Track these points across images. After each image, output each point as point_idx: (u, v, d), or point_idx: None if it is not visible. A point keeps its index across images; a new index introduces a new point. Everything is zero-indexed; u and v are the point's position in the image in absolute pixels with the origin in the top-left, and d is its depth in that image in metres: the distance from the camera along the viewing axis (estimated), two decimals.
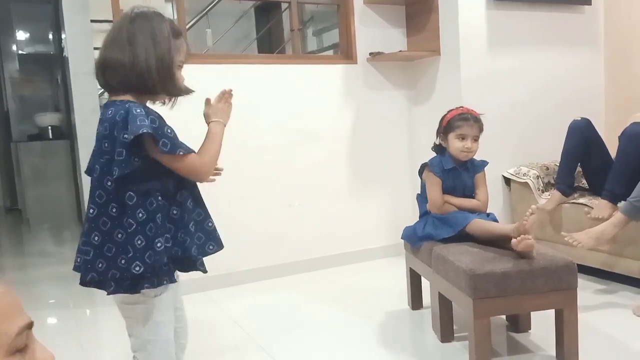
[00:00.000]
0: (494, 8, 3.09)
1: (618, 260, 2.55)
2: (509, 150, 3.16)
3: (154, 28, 1.32)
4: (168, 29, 1.34)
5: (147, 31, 1.32)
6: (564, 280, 1.80)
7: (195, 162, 1.38)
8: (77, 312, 2.81)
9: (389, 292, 2.73)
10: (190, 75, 2.86)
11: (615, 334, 2.09)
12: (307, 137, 3.18)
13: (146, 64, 1.30)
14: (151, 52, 1.31)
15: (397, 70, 3.43)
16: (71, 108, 4.92)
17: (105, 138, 1.31)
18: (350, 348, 2.12)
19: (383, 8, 3.36)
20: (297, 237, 3.17)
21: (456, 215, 2.14)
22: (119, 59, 1.31)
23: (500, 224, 2.07)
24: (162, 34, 1.33)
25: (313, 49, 5.01)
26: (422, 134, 3.36)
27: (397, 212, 3.42)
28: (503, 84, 3.15)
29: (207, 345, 2.22)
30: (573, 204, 2.75)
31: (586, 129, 2.75)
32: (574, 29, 3.36)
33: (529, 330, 2.15)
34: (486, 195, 2.25)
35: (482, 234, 2.05)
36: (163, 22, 1.35)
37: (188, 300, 2.80)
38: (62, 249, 4.53)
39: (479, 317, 1.76)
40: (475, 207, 2.19)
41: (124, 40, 1.31)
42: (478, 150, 2.32)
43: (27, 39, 6.24)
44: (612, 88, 3.46)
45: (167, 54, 1.33)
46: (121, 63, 1.31)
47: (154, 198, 1.32)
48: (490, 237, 2.02)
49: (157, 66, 1.32)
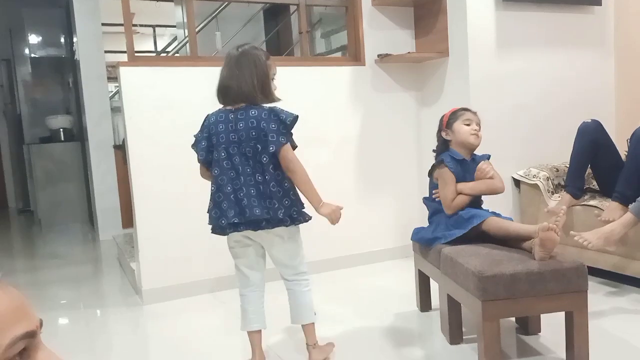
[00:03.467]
0: (503, 9, 3.08)
1: (629, 262, 2.53)
2: (518, 151, 3.15)
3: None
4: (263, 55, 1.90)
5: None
6: (574, 282, 1.78)
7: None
8: (87, 313, 2.84)
9: (397, 294, 2.73)
10: (201, 77, 2.92)
11: (626, 337, 2.07)
12: (316, 139, 3.19)
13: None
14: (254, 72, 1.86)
15: (405, 71, 3.43)
16: (82, 110, 4.98)
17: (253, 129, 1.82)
18: (359, 350, 2.12)
19: (391, 10, 3.36)
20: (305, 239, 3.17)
21: (470, 212, 2.11)
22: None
23: (520, 224, 2.04)
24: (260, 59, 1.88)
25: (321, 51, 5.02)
26: (430, 135, 3.33)
27: (406, 213, 3.42)
28: (511, 86, 3.14)
29: (218, 345, 2.23)
30: (584, 206, 2.73)
31: (596, 130, 2.73)
32: (583, 30, 3.34)
33: (538, 333, 2.14)
34: (499, 176, 2.21)
35: (499, 232, 2.02)
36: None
37: (196, 300, 2.83)
38: (73, 251, 4.57)
39: (488, 320, 1.76)
40: (491, 186, 2.16)
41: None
42: (486, 152, 2.31)
43: (39, 42, 6.31)
44: (623, 89, 3.43)
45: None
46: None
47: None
48: (507, 236, 2.01)
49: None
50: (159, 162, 2.84)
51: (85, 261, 4.18)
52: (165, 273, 2.87)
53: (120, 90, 2.79)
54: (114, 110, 5.04)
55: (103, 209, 4.81)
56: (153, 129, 2.83)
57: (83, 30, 4.75)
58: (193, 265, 2.93)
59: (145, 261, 2.85)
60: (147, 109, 2.81)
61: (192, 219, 2.89)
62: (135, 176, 2.81)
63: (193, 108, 2.90)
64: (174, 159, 2.85)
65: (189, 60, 3.01)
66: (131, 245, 3.57)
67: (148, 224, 2.84)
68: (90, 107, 4.82)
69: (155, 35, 6.74)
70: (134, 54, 2.83)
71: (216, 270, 2.96)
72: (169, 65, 2.93)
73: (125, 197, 4.36)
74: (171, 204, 2.86)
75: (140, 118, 2.80)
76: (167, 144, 2.85)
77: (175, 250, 2.89)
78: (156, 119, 2.83)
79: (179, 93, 2.87)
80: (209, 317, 2.61)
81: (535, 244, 1.83)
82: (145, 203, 2.83)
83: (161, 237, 2.86)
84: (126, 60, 2.81)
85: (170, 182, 2.86)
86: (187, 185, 2.88)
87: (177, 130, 2.86)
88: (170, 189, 2.86)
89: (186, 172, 2.88)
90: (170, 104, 2.85)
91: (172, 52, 5.65)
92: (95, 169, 4.81)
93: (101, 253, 4.42)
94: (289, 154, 1.82)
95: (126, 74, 2.78)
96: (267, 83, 1.88)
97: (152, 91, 2.82)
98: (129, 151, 2.81)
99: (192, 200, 2.88)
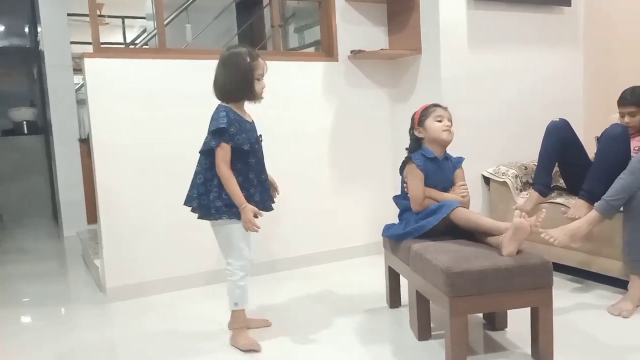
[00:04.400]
0: (474, 8, 3.10)
1: (594, 259, 2.58)
2: (488, 149, 3.18)
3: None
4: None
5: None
6: (539, 278, 1.80)
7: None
8: (50, 311, 2.75)
9: (368, 290, 2.72)
10: (169, 70, 2.85)
11: (590, 332, 2.11)
12: (288, 134, 3.16)
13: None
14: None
15: (378, 68, 3.42)
16: (47, 103, 4.83)
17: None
18: (328, 346, 2.10)
19: (364, 6, 3.35)
20: (277, 235, 3.15)
21: (439, 204, 2.13)
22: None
23: (491, 219, 2.06)
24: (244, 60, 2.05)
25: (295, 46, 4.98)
26: (404, 131, 3.32)
27: (379, 210, 3.42)
28: (483, 83, 3.17)
29: (182, 344, 2.19)
30: (551, 204, 2.77)
31: (564, 129, 2.77)
32: (553, 30, 3.39)
33: (505, 329, 2.15)
34: (469, 194, 2.25)
35: (467, 224, 2.04)
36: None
37: (161, 298, 2.77)
38: (37, 246, 4.43)
39: (456, 315, 1.76)
40: (462, 203, 2.18)
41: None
42: (457, 149, 2.32)
43: (3, 32, 6.11)
44: (591, 89, 3.50)
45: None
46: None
47: None
48: (476, 229, 2.02)
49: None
50: (124, 156, 2.76)
51: (48, 257, 4.06)
52: (130, 270, 2.80)
53: (85, 82, 2.71)
54: (80, 103, 4.91)
55: (67, 205, 4.69)
56: (118, 122, 2.75)
57: (48, 19, 4.61)
58: (158, 263, 2.87)
59: (110, 258, 2.78)
60: (112, 101, 2.74)
61: (158, 215, 2.83)
62: (99, 170, 2.73)
63: (160, 101, 2.84)
64: (140, 153, 2.79)
65: (157, 52, 2.94)
66: (95, 242, 3.48)
67: (112, 219, 2.76)
68: (55, 99, 4.68)
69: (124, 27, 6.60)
70: (99, 44, 2.75)
71: (182, 267, 2.91)
72: (136, 57, 2.85)
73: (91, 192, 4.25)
74: (136, 199, 2.79)
75: (106, 111, 2.73)
76: (132, 137, 2.78)
77: (140, 247, 2.82)
78: (122, 112, 2.75)
79: (145, 86, 2.80)
80: (174, 315, 2.56)
81: (505, 235, 1.84)
82: (110, 198, 2.75)
83: (126, 234, 2.79)
84: (91, 52, 2.73)
85: (136, 176, 2.79)
86: (153, 180, 2.82)
87: (143, 123, 2.79)
88: (135, 184, 2.79)
89: (152, 167, 2.83)
90: (137, 97, 2.78)
91: (140, 44, 5.54)
92: (59, 163, 4.68)
93: (65, 249, 4.31)
94: (217, 157, 2.00)
95: (91, 66, 2.70)
96: (248, 82, 2.04)
97: (117, 83, 2.74)
98: (93, 144, 2.73)
99: (158, 196, 2.82)
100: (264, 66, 2.11)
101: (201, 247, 2.86)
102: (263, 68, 2.10)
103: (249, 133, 2.10)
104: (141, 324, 2.45)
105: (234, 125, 2.03)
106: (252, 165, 2.09)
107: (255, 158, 2.11)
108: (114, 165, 2.75)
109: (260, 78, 2.09)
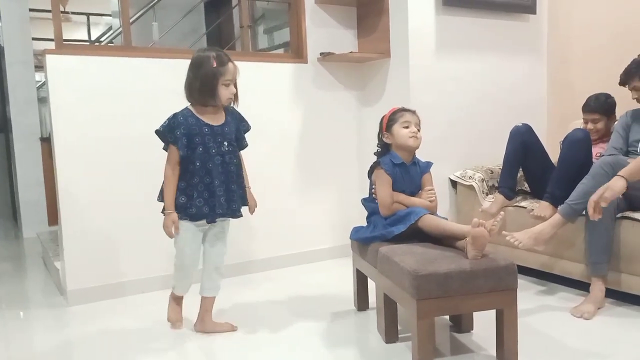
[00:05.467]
0: (443, 13, 3.13)
1: (557, 261, 2.63)
2: (456, 152, 3.22)
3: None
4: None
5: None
6: (504, 280, 1.82)
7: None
8: (8, 314, 2.64)
9: (335, 293, 2.71)
10: (134, 68, 2.78)
11: (553, 334, 2.14)
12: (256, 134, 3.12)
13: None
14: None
15: (347, 70, 3.42)
16: (6, 99, 4.67)
17: None
18: (294, 349, 2.08)
19: (334, 8, 3.35)
20: (240, 238, 3.10)
21: (407, 210, 2.14)
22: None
23: (455, 223, 2.07)
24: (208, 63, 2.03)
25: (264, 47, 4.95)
26: (371, 135, 3.34)
27: (345, 213, 3.41)
28: (450, 87, 3.20)
29: (148, 344, 2.13)
30: (515, 207, 2.82)
31: (526, 134, 2.83)
32: (518, 37, 3.46)
33: (471, 331, 2.17)
34: (437, 199, 2.26)
35: (433, 230, 2.05)
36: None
37: (124, 302, 2.70)
38: None
39: (422, 318, 1.76)
40: (426, 207, 2.20)
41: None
42: (425, 152, 2.33)
43: None
44: (554, 96, 3.58)
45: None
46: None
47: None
48: (442, 234, 2.04)
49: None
50: (86, 156, 2.69)
51: (6, 259, 3.92)
52: (91, 273, 2.72)
53: (47, 79, 2.63)
54: (42, 101, 4.76)
55: (27, 205, 4.54)
56: (80, 120, 2.67)
57: (8, 13, 4.46)
58: (121, 265, 2.80)
59: (71, 260, 2.69)
60: (74, 99, 2.66)
61: (121, 216, 2.76)
62: (60, 170, 2.65)
63: (124, 100, 2.77)
64: (102, 152, 2.72)
65: (122, 50, 2.87)
66: (56, 244, 3.37)
67: (74, 220, 2.68)
68: (15, 96, 4.53)
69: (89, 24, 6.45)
70: (62, 41, 2.67)
71: (145, 270, 2.85)
72: (100, 54, 2.77)
73: (52, 192, 4.13)
74: (98, 200, 2.72)
75: (67, 108, 2.65)
76: (94, 136, 2.70)
77: (102, 249, 2.74)
78: (84, 110, 2.68)
79: (109, 84, 2.73)
80: (137, 319, 2.49)
81: (468, 242, 1.86)
82: (71, 198, 2.67)
83: (87, 235, 2.71)
84: (53, 48, 2.64)
85: (98, 177, 2.71)
86: (116, 181, 2.75)
87: (106, 122, 2.72)
88: (97, 185, 2.71)
89: (115, 167, 2.76)
90: (100, 95, 2.71)
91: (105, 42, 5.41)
92: (19, 162, 4.53)
93: (24, 251, 4.16)
94: (167, 158, 2.08)
95: (53, 62, 2.62)
96: (210, 87, 2.02)
97: (80, 81, 2.67)
98: (54, 143, 2.65)
99: (121, 197, 2.75)
100: (234, 71, 2.06)
101: (164, 249, 2.79)
102: (232, 73, 2.05)
103: (205, 137, 2.06)
104: (101, 328, 2.38)
105: (179, 129, 2.03)
106: (195, 171, 2.06)
107: (209, 163, 2.07)
108: (76, 164, 2.67)
109: (228, 84, 2.05)
